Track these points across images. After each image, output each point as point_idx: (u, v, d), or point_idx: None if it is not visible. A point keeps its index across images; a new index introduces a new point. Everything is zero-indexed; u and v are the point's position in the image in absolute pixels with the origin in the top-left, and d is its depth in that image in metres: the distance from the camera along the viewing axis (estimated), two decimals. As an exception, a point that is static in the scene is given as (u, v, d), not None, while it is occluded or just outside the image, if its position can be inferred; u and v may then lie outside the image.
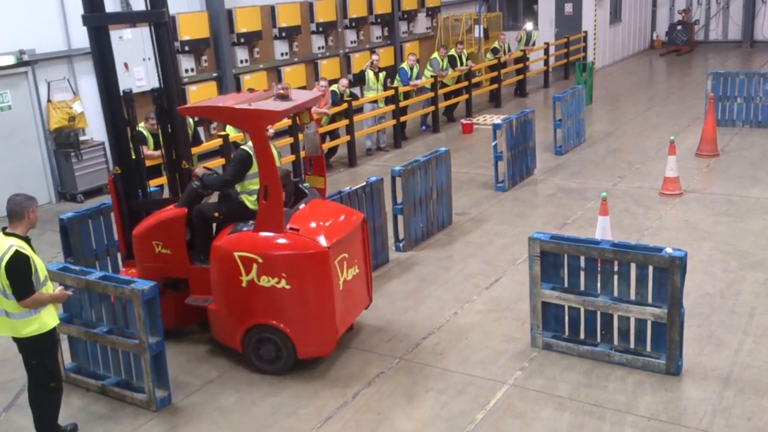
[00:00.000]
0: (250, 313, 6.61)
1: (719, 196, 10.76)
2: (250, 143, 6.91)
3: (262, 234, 6.55)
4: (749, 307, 7.39)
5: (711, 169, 12.15)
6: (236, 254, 6.52)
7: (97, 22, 6.97)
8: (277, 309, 6.53)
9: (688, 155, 12.77)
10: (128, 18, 7.31)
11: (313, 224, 6.72)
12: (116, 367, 6.45)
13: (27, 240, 5.44)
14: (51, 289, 5.57)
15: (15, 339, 5.53)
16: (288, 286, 6.43)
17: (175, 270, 7.13)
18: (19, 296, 5.29)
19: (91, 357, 6.59)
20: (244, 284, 6.53)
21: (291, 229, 6.54)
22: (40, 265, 5.43)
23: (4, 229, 5.46)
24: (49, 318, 5.49)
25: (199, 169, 7.25)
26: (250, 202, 6.91)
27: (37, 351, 5.51)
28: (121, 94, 7.34)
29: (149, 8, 7.22)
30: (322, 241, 6.49)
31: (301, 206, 6.91)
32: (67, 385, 6.40)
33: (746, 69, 19.71)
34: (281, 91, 6.80)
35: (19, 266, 5.24)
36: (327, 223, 6.84)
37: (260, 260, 6.46)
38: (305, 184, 7.45)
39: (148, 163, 10.02)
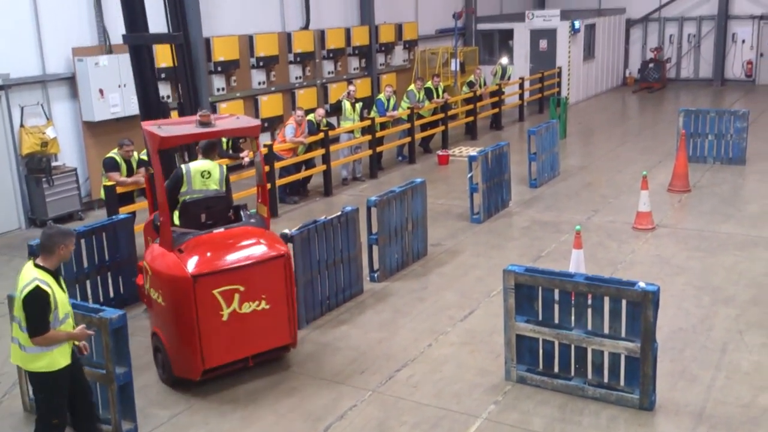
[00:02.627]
0: (152, 318, 7.07)
1: (691, 231, 10.88)
2: (191, 163, 7.67)
3: (158, 249, 6.94)
4: (721, 342, 7.42)
5: (683, 205, 12.29)
6: (144, 262, 7.13)
7: (134, 41, 8.18)
8: (161, 322, 6.89)
9: (661, 190, 12.92)
10: (154, 39, 8.74)
11: (203, 249, 6.71)
12: (82, 398, 6.29)
13: (54, 274, 5.29)
14: (71, 327, 5.39)
15: (25, 370, 5.48)
16: (164, 303, 6.69)
17: None
18: (31, 333, 5.13)
19: (57, 387, 6.42)
20: (146, 291, 7.02)
21: (179, 250, 6.71)
22: (62, 302, 5.26)
23: (34, 259, 5.33)
24: (60, 357, 5.32)
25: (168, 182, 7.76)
26: (176, 216, 7.32)
27: (43, 387, 5.37)
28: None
29: (170, 32, 8.23)
30: (191, 267, 6.49)
31: (217, 230, 7.02)
32: (31, 415, 6.23)
33: (717, 107, 20.13)
34: (199, 118, 7.03)
35: (37, 303, 5.08)
36: (222, 252, 6.74)
37: (149, 272, 6.87)
38: (251, 211, 7.62)
39: (119, 189, 9.97)
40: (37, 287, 5.08)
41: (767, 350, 7.22)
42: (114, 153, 10.16)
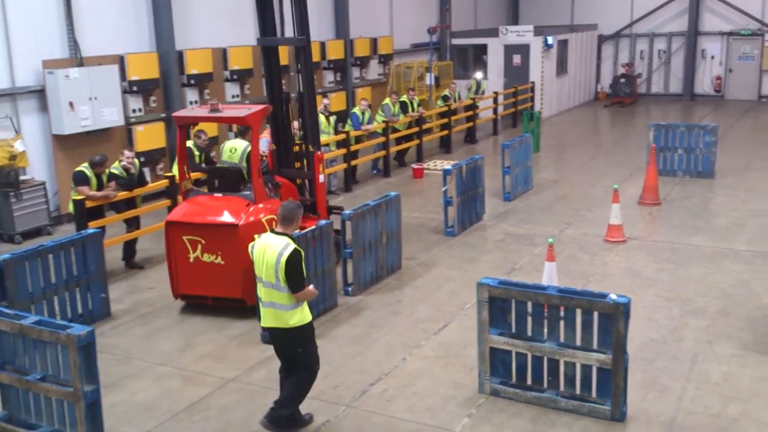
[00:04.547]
0: None
1: (661, 243, 10.99)
2: (229, 141, 10.51)
3: None
4: (691, 353, 7.49)
5: (653, 218, 12.42)
6: None
7: (265, 44, 9.87)
8: None
9: (632, 203, 13.05)
10: (282, 42, 10.27)
11: (190, 205, 8.71)
12: (49, 416, 6.14)
13: (295, 240, 6.04)
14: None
15: (277, 330, 6.01)
16: None
17: None
18: (295, 289, 5.87)
19: (23, 405, 6.28)
20: None
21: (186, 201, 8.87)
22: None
23: (272, 230, 6.12)
24: (307, 311, 6.07)
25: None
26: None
27: (300, 339, 6.03)
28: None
29: (295, 35, 9.74)
30: (170, 215, 8.74)
31: (216, 195, 8.79)
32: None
33: (687, 121, 20.41)
34: (210, 106, 8.94)
35: (298, 262, 5.86)
36: (198, 210, 8.60)
37: None
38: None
39: (89, 204, 9.85)
40: (296, 249, 5.88)
41: (737, 361, 7.30)
42: (84, 167, 10.05)
